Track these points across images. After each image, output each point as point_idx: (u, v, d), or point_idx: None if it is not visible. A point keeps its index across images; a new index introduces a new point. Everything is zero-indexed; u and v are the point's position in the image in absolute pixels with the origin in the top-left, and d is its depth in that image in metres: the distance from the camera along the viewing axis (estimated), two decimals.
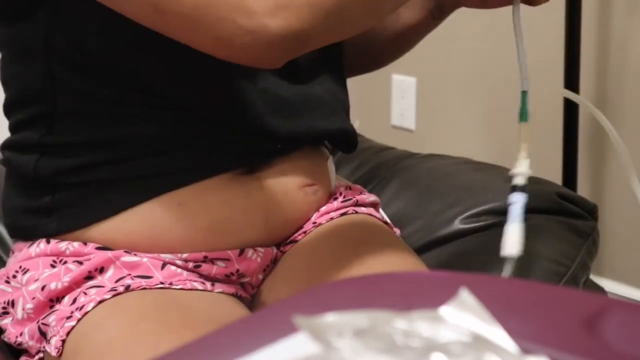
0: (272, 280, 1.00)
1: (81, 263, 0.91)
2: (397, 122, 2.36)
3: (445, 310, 0.45)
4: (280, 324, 0.47)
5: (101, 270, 0.90)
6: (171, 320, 0.85)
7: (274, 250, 1.00)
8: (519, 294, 0.52)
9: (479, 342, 0.42)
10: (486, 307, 0.45)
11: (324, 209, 1.02)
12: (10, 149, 0.97)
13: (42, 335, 0.90)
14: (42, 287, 0.90)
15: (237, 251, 0.95)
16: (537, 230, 1.01)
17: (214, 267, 0.95)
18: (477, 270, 1.11)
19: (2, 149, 0.99)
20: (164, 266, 0.92)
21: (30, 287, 0.91)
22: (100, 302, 0.87)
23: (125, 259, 0.91)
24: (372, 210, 1.07)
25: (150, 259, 0.92)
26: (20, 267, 0.93)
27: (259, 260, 0.97)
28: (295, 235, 1.01)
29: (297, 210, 0.99)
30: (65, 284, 0.90)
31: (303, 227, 1.01)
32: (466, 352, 0.40)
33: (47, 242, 0.92)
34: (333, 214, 1.02)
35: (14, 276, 0.93)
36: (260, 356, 0.45)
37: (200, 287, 0.92)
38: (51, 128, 0.92)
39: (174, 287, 0.90)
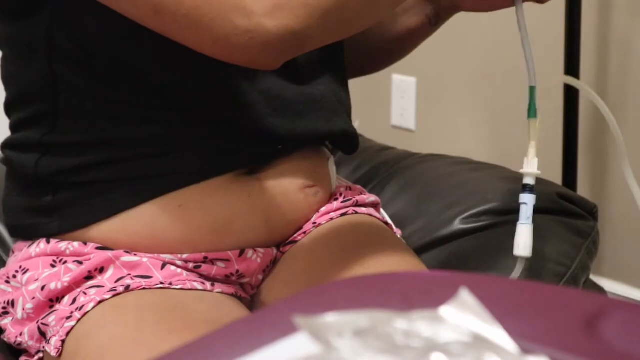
0: (271, 281, 1.00)
1: (81, 263, 0.91)
2: (397, 122, 2.36)
3: (445, 310, 0.45)
4: (280, 324, 0.47)
5: (101, 270, 0.90)
6: (171, 320, 0.85)
7: (274, 250, 1.00)
8: (518, 294, 0.52)
9: (479, 342, 0.42)
10: (486, 307, 0.45)
11: (324, 209, 1.02)
12: (11, 148, 0.97)
13: (42, 335, 0.90)
14: (42, 287, 0.90)
15: (237, 252, 0.95)
16: (537, 230, 1.00)
17: (214, 268, 0.95)
18: (477, 270, 1.11)
19: (2, 147, 0.99)
20: (163, 266, 0.92)
21: (30, 287, 0.91)
22: (100, 302, 0.87)
23: (125, 259, 0.91)
24: (372, 211, 1.07)
25: (150, 259, 0.92)
26: (20, 267, 0.93)
27: (258, 260, 0.97)
28: (295, 235, 1.01)
29: (298, 212, 0.99)
30: (65, 284, 0.90)
31: (303, 227, 1.01)
32: (466, 352, 0.40)
33: (47, 242, 0.92)
34: (333, 215, 1.02)
35: (14, 276, 0.93)
36: (260, 356, 0.45)
37: (200, 287, 0.92)
38: (52, 127, 0.92)
39: (174, 287, 0.90)
